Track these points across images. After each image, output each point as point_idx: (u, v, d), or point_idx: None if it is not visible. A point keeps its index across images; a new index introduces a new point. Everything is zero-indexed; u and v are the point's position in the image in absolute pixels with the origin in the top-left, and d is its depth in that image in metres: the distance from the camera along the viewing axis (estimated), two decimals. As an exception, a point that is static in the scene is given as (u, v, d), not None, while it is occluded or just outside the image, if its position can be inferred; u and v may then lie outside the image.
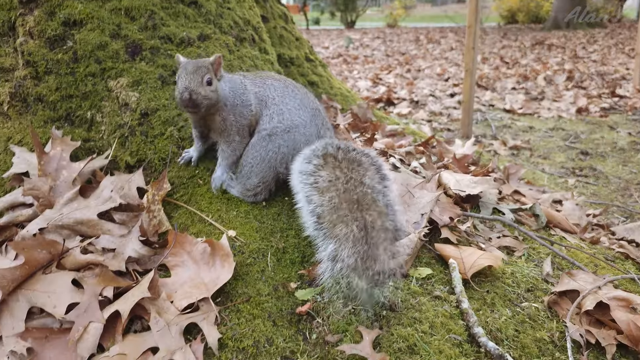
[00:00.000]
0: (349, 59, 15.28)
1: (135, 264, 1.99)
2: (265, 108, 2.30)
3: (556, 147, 6.52)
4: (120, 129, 2.49)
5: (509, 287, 2.13)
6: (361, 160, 1.98)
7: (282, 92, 2.35)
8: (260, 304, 1.87)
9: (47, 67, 2.52)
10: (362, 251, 1.75)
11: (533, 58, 14.51)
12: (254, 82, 2.36)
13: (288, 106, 2.30)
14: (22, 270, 1.84)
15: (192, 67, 2.08)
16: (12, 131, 2.50)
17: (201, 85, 2.05)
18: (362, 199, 1.85)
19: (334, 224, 1.82)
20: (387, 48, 18.48)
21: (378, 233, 1.80)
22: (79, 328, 1.72)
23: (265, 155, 2.21)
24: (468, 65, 6.62)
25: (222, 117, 2.22)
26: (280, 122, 2.26)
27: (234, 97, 2.23)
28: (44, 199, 2.12)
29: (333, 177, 1.91)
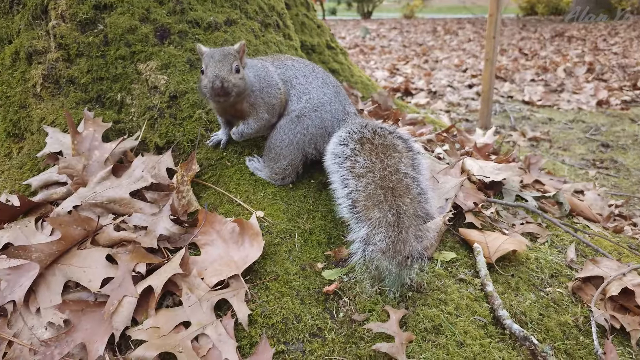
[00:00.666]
0: (365, 50, 15.22)
1: (166, 241, 2.04)
2: (291, 88, 2.31)
3: (576, 139, 6.47)
4: (149, 111, 2.53)
5: (532, 272, 2.15)
6: (396, 145, 2.04)
7: (304, 72, 2.36)
8: (288, 282, 1.91)
9: (79, 49, 2.57)
10: (393, 236, 1.82)
11: (552, 50, 14.32)
12: (274, 64, 2.37)
13: (312, 85, 2.32)
14: (59, 246, 1.89)
15: (220, 55, 2.06)
16: (45, 112, 2.55)
17: (231, 73, 2.04)
18: (397, 186, 1.91)
19: (368, 209, 1.88)
20: (404, 39, 18.35)
21: (410, 219, 1.86)
22: (114, 302, 1.78)
23: (293, 138, 2.23)
24: (488, 54, 6.56)
25: (250, 102, 2.21)
26: (308, 102, 2.27)
27: (259, 81, 2.23)
28: (78, 177, 2.17)
29: (369, 162, 1.96)
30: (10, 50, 2.70)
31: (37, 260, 1.84)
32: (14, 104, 2.65)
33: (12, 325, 1.79)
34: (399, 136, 2.09)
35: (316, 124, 2.25)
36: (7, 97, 2.66)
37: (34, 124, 2.57)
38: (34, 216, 2.13)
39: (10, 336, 1.74)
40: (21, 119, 2.62)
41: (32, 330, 1.78)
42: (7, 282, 1.84)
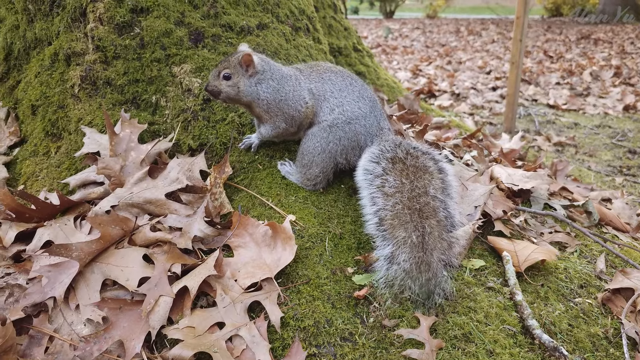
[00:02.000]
0: (388, 49, 15.19)
1: (200, 243, 2.09)
2: (324, 101, 2.33)
3: (602, 145, 6.39)
4: (183, 113, 2.59)
5: (562, 282, 2.15)
6: (428, 167, 2.06)
7: (340, 85, 2.36)
8: (319, 286, 1.94)
9: (116, 52, 2.63)
10: (417, 257, 1.86)
11: (578, 52, 14.12)
12: (309, 78, 2.38)
13: (347, 98, 2.33)
14: (98, 244, 1.95)
15: (220, 62, 2.27)
16: (83, 112, 2.62)
17: (217, 78, 2.23)
18: (424, 208, 1.94)
19: (394, 228, 1.92)
20: (427, 39, 18.26)
21: (435, 241, 1.90)
22: (151, 301, 1.83)
23: (325, 147, 2.26)
24: (514, 57, 6.51)
25: (263, 109, 2.29)
26: (341, 114, 2.29)
27: (275, 93, 2.26)
28: (115, 177, 2.23)
29: (399, 183, 2.00)
30: (50, 52, 2.78)
31: (77, 258, 1.90)
32: (52, 104, 2.72)
33: (52, 320, 1.85)
34: (432, 157, 2.11)
35: (349, 136, 2.28)
36: (46, 97, 2.74)
37: (71, 123, 2.64)
38: (73, 215, 2.20)
39: (51, 331, 1.81)
40: (59, 118, 2.70)
41: (71, 326, 1.84)
42: (48, 278, 1.91)
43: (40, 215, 2.19)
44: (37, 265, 1.97)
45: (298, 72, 2.39)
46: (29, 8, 2.87)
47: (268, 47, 2.87)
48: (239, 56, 2.21)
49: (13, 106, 2.99)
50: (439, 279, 1.88)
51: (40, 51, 2.87)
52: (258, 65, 2.24)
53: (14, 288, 1.92)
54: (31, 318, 1.84)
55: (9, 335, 1.68)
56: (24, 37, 2.94)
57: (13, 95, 3.01)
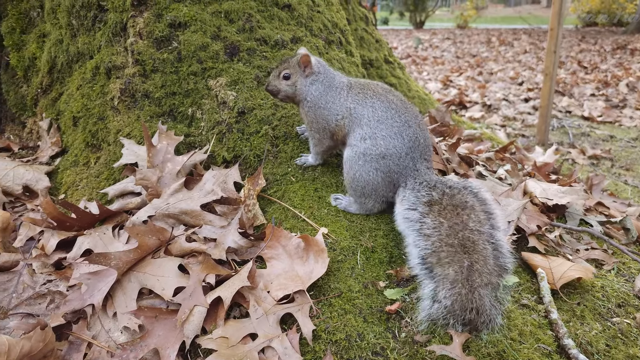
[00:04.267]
0: (418, 60, 15.14)
1: (234, 254, 2.12)
2: (358, 126, 2.28)
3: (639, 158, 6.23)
4: (218, 126, 2.64)
5: (598, 300, 2.10)
6: (467, 202, 2.05)
7: (381, 116, 2.25)
8: (351, 299, 1.95)
9: (154, 65, 2.71)
10: (461, 293, 1.82)
11: (614, 63, 13.81)
12: (355, 97, 2.32)
13: (383, 132, 2.23)
14: (135, 254, 2.00)
15: (280, 62, 2.42)
16: (122, 124, 2.70)
17: (277, 78, 2.38)
18: (465, 243, 1.93)
19: (434, 265, 1.92)
20: (457, 49, 18.14)
21: (481, 276, 1.86)
22: (185, 310, 1.86)
23: (367, 178, 2.24)
24: (548, 69, 6.41)
25: (304, 110, 2.39)
26: (373, 146, 2.22)
27: (319, 98, 2.34)
28: (153, 188, 2.29)
29: (437, 223, 2.00)
30: (91, 65, 2.87)
31: (115, 267, 1.96)
32: (93, 116, 2.82)
33: (91, 327, 1.91)
34: (471, 191, 2.09)
35: (383, 171, 2.23)
36: (87, 109, 2.83)
37: (110, 135, 2.72)
38: (111, 224, 2.27)
39: (89, 338, 1.86)
40: (99, 130, 2.78)
41: (109, 333, 1.89)
42: (87, 286, 1.97)
43: (81, 224, 2.26)
44: (77, 272, 2.03)
45: (347, 87, 2.37)
46: (72, 23, 2.98)
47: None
48: (298, 57, 2.33)
49: (55, 117, 3.10)
50: (484, 317, 1.83)
51: (82, 64, 2.98)
52: (314, 66, 2.36)
53: (55, 295, 1.98)
54: (71, 324, 1.90)
55: (49, 339, 1.74)
56: (67, 51, 3.05)
57: (55, 107, 3.12)
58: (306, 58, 2.31)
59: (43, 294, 1.97)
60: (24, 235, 2.32)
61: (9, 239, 2.28)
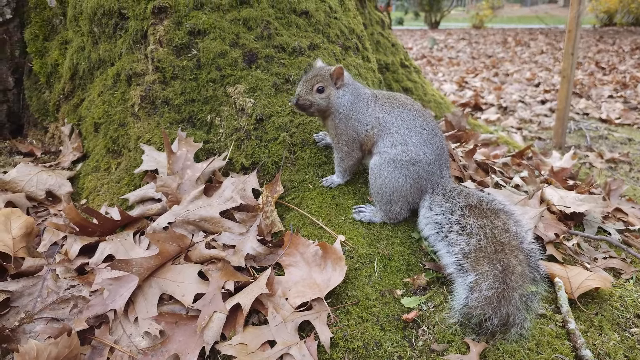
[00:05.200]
0: (433, 61, 15.08)
1: (253, 260, 2.15)
2: (387, 135, 2.32)
3: (658, 162, 6.15)
4: (236, 133, 2.67)
5: (617, 310, 2.10)
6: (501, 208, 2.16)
7: (410, 124, 2.33)
8: (368, 307, 1.97)
9: (174, 72, 2.75)
10: (500, 288, 1.89)
11: (633, 64, 13.62)
12: (382, 107, 2.38)
13: (413, 139, 2.30)
14: (156, 260, 2.04)
15: (311, 75, 2.31)
16: (142, 131, 2.75)
17: (310, 92, 2.28)
18: (507, 245, 2.02)
19: (477, 261, 1.99)
20: (473, 50, 18.03)
21: (517, 278, 1.93)
22: (205, 317, 1.90)
23: (396, 184, 2.28)
24: (565, 71, 6.36)
25: (334, 123, 2.35)
26: (404, 152, 2.28)
27: (350, 109, 2.33)
28: (173, 195, 2.33)
29: (481, 223, 2.09)
30: (112, 72, 2.93)
31: (137, 272, 2.00)
32: (114, 122, 2.87)
33: (112, 332, 1.95)
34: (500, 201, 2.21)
35: (413, 177, 2.29)
36: (108, 115, 2.89)
37: (131, 141, 2.77)
38: (132, 230, 2.31)
39: (112, 343, 1.90)
40: (120, 136, 2.83)
41: (130, 338, 1.93)
42: (109, 291, 2.01)
43: (102, 230, 2.31)
44: (100, 278, 2.08)
45: (373, 98, 2.42)
46: (94, 31, 3.03)
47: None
48: (331, 69, 2.30)
49: (77, 123, 3.16)
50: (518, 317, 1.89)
51: (104, 71, 3.03)
52: (346, 78, 2.36)
53: (78, 300, 2.03)
54: (93, 329, 1.94)
55: (74, 345, 1.78)
56: (88, 57, 3.11)
57: (77, 113, 3.18)
58: (340, 70, 2.29)
59: (67, 299, 2.02)
60: (47, 241, 2.37)
61: (33, 244, 2.33)
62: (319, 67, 2.35)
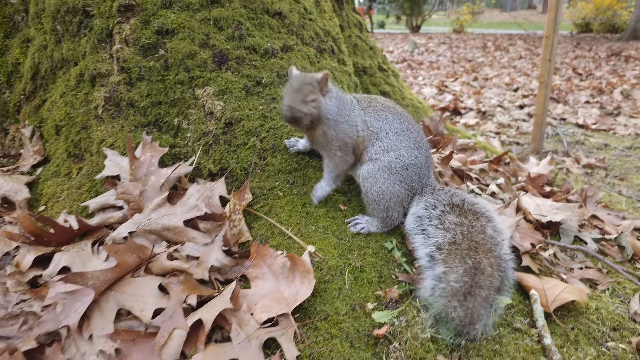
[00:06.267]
0: (413, 64, 15.10)
1: (217, 273, 2.05)
2: (377, 139, 2.27)
3: (634, 168, 6.19)
4: (204, 137, 2.56)
5: (593, 323, 2.04)
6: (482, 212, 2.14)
7: (397, 128, 2.30)
8: (338, 323, 1.88)
9: (140, 73, 2.63)
10: (467, 283, 1.87)
11: (608, 70, 13.82)
12: (366, 110, 2.33)
13: (403, 144, 2.28)
14: (114, 273, 1.92)
15: (298, 84, 2.12)
16: (105, 134, 2.62)
17: (302, 103, 2.09)
18: (481, 245, 1.98)
19: (450, 254, 1.97)
20: (453, 54, 18.12)
21: (485, 278, 1.89)
22: (164, 334, 1.78)
23: (393, 190, 2.23)
24: (543, 77, 6.37)
25: (323, 130, 2.21)
26: (397, 158, 2.24)
27: (338, 113, 2.22)
28: (134, 203, 2.21)
29: (459, 221, 2.07)
30: (76, 72, 2.79)
31: (93, 286, 1.87)
32: (76, 124, 2.73)
33: (65, 350, 1.82)
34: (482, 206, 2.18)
35: (407, 182, 2.26)
36: (70, 117, 2.75)
37: (94, 145, 2.64)
38: (91, 239, 2.18)
39: (64, 361, 1.77)
40: (82, 139, 2.70)
41: (84, 356, 1.80)
42: (62, 306, 1.88)
43: (59, 239, 2.18)
44: (53, 292, 1.94)
45: (355, 101, 2.35)
46: (57, 28, 2.90)
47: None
48: (317, 76, 2.14)
49: (38, 125, 3.02)
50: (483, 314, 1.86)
51: (67, 71, 2.89)
52: (330, 83, 2.24)
53: (29, 315, 1.89)
54: (44, 347, 1.81)
55: (20, 365, 1.66)
56: (51, 57, 2.97)
57: (38, 114, 3.03)
58: (327, 77, 2.15)
59: (16, 315, 1.88)
60: (-1, 250, 2.23)
61: (-16, 254, 2.19)
62: (303, 75, 2.17)
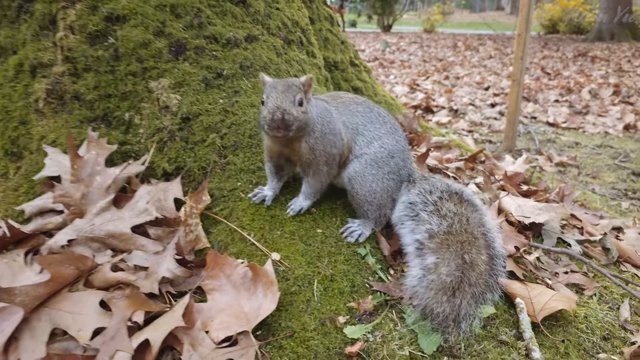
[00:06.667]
0: (385, 63, 15.01)
1: (169, 285, 1.82)
2: (357, 134, 2.13)
3: (605, 166, 6.16)
4: (159, 133, 2.33)
5: (582, 333, 1.89)
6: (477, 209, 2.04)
7: (370, 117, 2.19)
8: (305, 340, 1.67)
9: (87, 63, 2.38)
10: (459, 278, 1.77)
11: (576, 70, 13.99)
12: (338, 109, 2.16)
13: (382, 130, 2.16)
14: (47, 287, 1.67)
15: (283, 86, 1.86)
16: (47, 130, 2.36)
17: (293, 105, 1.83)
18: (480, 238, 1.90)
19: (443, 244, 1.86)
20: (424, 53, 18.13)
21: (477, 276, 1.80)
22: (105, 358, 1.55)
23: (382, 185, 2.09)
24: (515, 75, 6.29)
25: (310, 145, 1.98)
26: (381, 147, 2.11)
27: (322, 123, 2.00)
28: (75, 207, 1.96)
29: (458, 209, 1.98)
30: (14, 62, 2.51)
31: (22, 304, 1.62)
32: (13, 119, 2.45)
33: (-11, 378, 1.57)
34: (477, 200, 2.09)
35: (394, 171, 2.13)
36: (7, 111, 2.47)
37: (33, 142, 2.37)
38: (25, 248, 1.92)
39: (-14, 392, 1.52)
40: (20, 136, 2.42)
41: (12, 385, 1.56)
42: (-13, 326, 1.62)
43: (-12, 249, 1.91)
44: (-23, 310, 1.68)
45: (327, 103, 2.15)
46: (-7, 13, 2.61)
47: (257, 61, 2.62)
48: (303, 80, 1.92)
49: (-26, 120, 2.72)
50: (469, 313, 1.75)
51: (4, 61, 2.60)
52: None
53: (-53, 339, 1.63)
54: (-37, 376, 1.56)
55: None
56: (-13, 45, 2.68)
57: (-26, 109, 2.74)
58: (312, 80, 1.93)
59: None
60: None
61: None
62: (285, 80, 1.91)
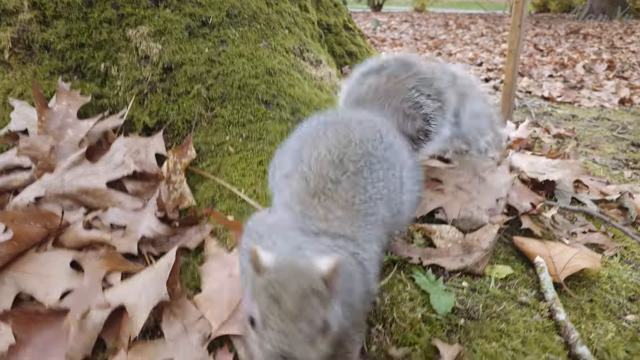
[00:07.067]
0: (376, 42, 14.74)
1: (150, 245, 1.61)
2: (382, 201, 1.38)
3: (603, 137, 6.02)
4: (138, 85, 2.11)
5: (607, 294, 1.72)
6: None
7: (361, 169, 1.36)
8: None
9: (56, 10, 2.14)
10: None
11: (568, 47, 13.84)
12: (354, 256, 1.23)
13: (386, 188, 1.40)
14: (10, 248, 1.47)
15: (292, 299, 0.93)
16: (13, 82, 2.13)
17: (312, 344, 0.93)
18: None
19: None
20: (415, 32, 17.87)
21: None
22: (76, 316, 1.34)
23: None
24: (512, 45, 6.06)
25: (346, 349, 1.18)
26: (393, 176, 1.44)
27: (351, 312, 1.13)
28: (43, 161, 1.74)
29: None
30: (-24, 9, 2.27)
31: (-19, 266, 1.42)
32: (-24, 72, 2.22)
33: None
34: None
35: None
36: (-31, 64, 2.23)
37: (-1, 96, 2.14)
38: (-12, 208, 1.71)
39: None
40: (-16, 90, 2.19)
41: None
42: (-58, 293, 1.42)
43: (-54, 209, 1.70)
44: None
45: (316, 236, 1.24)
46: (-49, -44, 2.36)
47: (245, 10, 2.39)
48: (326, 270, 0.97)
49: None
50: None
51: (-34, 9, 2.36)
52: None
53: None
54: None
55: None
56: (-54, -8, 2.43)
57: None
58: (339, 269, 0.99)
59: None
60: None
61: None
62: (294, 273, 0.97)
